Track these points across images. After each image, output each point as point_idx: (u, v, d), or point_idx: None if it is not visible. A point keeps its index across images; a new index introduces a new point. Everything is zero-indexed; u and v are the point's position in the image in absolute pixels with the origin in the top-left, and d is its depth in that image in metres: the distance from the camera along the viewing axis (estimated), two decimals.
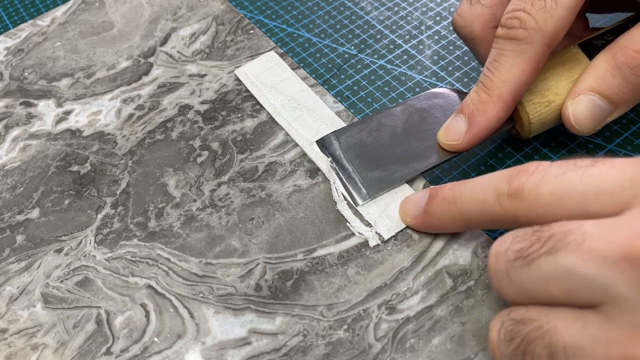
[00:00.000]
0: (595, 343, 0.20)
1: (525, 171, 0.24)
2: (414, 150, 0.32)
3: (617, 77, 0.29)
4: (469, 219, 0.26)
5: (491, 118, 0.30)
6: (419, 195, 0.29)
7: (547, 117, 0.31)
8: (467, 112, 0.30)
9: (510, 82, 0.29)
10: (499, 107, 0.29)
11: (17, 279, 0.30)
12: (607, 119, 0.30)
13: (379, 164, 0.31)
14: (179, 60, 0.40)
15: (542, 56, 0.29)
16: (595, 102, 0.29)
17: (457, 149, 0.31)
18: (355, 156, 0.32)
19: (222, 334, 0.27)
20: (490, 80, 0.29)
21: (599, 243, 0.20)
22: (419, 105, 0.33)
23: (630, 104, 0.30)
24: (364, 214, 0.30)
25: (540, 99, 0.30)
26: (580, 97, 0.29)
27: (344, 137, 0.32)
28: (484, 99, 0.30)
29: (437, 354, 0.26)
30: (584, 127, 0.30)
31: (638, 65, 0.28)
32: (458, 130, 0.30)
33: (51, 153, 0.36)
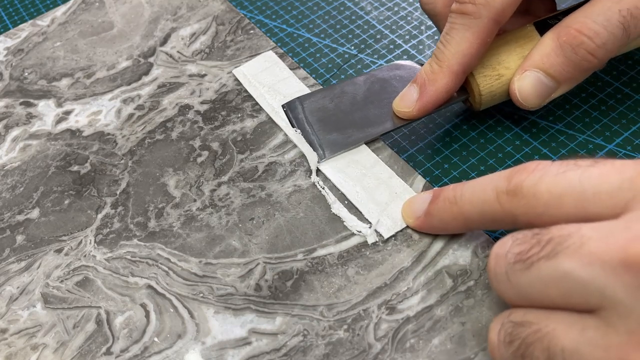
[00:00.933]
0: (594, 347, 0.20)
1: (525, 169, 0.24)
2: (371, 117, 0.34)
3: (560, 55, 0.30)
4: (469, 219, 0.26)
5: (440, 88, 0.31)
6: (422, 196, 0.29)
7: (498, 90, 0.32)
8: (419, 82, 0.32)
9: (459, 55, 0.30)
10: (449, 78, 0.31)
11: (17, 279, 0.30)
12: (552, 95, 0.31)
13: (338, 127, 0.33)
14: (179, 60, 0.40)
15: (490, 30, 0.30)
16: (540, 79, 0.30)
17: (409, 117, 0.33)
18: (317, 120, 0.34)
19: (222, 334, 0.27)
20: (442, 52, 0.31)
21: (597, 247, 0.20)
22: (381, 76, 0.35)
23: (574, 81, 0.31)
24: (364, 212, 0.30)
25: (491, 72, 0.32)
26: (526, 73, 0.31)
27: (308, 102, 0.34)
28: (435, 69, 0.31)
29: (437, 354, 0.26)
30: (529, 102, 0.31)
31: (579, 45, 0.29)
32: (410, 98, 0.32)
33: (51, 153, 0.36)
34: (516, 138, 0.34)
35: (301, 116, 0.34)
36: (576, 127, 0.34)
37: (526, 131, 0.34)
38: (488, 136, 0.35)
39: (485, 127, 0.35)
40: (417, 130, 0.35)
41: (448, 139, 0.35)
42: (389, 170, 0.32)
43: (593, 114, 0.35)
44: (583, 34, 0.29)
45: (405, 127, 0.35)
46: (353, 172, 0.32)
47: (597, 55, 0.29)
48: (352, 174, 0.32)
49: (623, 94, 0.35)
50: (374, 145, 0.33)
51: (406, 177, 0.32)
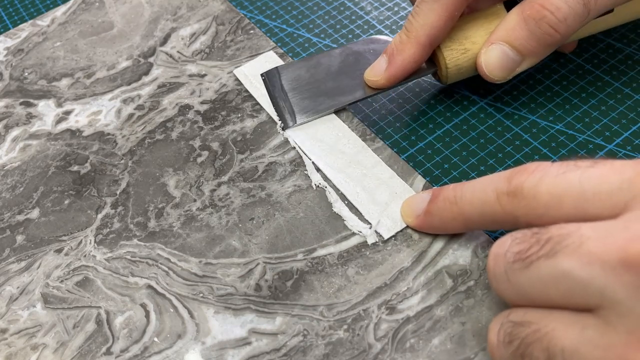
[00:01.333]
0: (593, 347, 0.20)
1: (525, 170, 0.24)
2: (343, 86, 0.35)
3: (524, 29, 0.31)
4: (470, 219, 0.26)
5: (408, 58, 0.33)
6: (421, 195, 0.29)
7: (464, 64, 0.33)
8: (388, 52, 0.33)
9: (427, 26, 0.32)
10: (416, 48, 0.33)
11: (17, 279, 0.30)
12: (517, 69, 0.32)
13: (311, 95, 0.35)
14: (179, 60, 0.40)
15: (458, 4, 0.32)
16: (505, 52, 0.32)
17: (378, 85, 0.34)
18: (291, 88, 0.35)
19: (222, 334, 0.27)
20: (411, 23, 0.33)
21: (596, 246, 0.20)
22: (356, 49, 0.37)
23: (538, 55, 0.32)
24: (364, 212, 0.30)
25: (457, 46, 0.33)
26: (492, 46, 0.32)
27: (285, 72, 0.36)
28: (404, 40, 0.33)
29: (437, 354, 0.26)
30: (495, 74, 0.32)
31: (542, 19, 0.30)
32: (380, 68, 0.34)
33: (51, 153, 0.36)
34: (516, 138, 0.34)
35: (278, 84, 0.36)
36: (576, 127, 0.34)
37: (526, 131, 0.34)
38: (488, 136, 0.35)
39: (486, 128, 0.35)
40: (417, 130, 0.35)
41: (448, 139, 0.35)
42: (389, 170, 0.32)
43: (593, 114, 0.35)
44: (545, 9, 0.30)
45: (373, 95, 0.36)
46: (354, 173, 0.32)
47: (559, 29, 0.30)
48: (353, 175, 0.32)
49: (623, 94, 0.35)
50: (374, 145, 0.33)
51: (406, 177, 0.32)
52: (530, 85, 0.37)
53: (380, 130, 0.36)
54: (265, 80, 0.36)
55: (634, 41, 0.38)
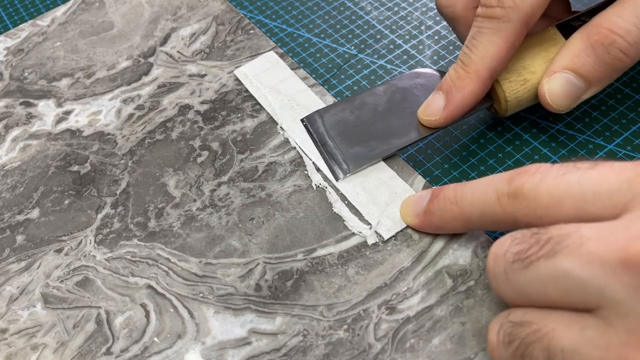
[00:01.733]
0: (593, 347, 0.20)
1: (525, 172, 0.24)
2: (394, 127, 0.33)
3: (591, 55, 0.29)
4: (469, 220, 0.26)
5: (468, 94, 0.31)
6: (421, 195, 0.29)
7: (524, 95, 0.31)
8: (445, 89, 0.31)
9: (487, 59, 0.30)
10: (476, 83, 0.30)
11: (17, 279, 0.30)
12: (582, 97, 0.31)
13: (360, 140, 0.32)
14: (179, 60, 0.40)
15: (518, 34, 0.30)
16: (570, 80, 0.30)
17: (435, 125, 0.32)
18: (337, 133, 0.33)
19: (222, 334, 0.27)
20: (469, 57, 0.30)
21: (596, 246, 0.20)
22: (401, 85, 0.34)
23: (604, 82, 0.30)
24: (364, 213, 0.30)
25: (516, 78, 0.31)
26: (556, 75, 0.30)
27: (328, 115, 0.34)
28: (462, 75, 0.31)
29: (437, 354, 0.26)
30: (559, 104, 0.30)
31: (611, 44, 0.29)
32: (436, 106, 0.31)
33: (51, 153, 0.36)
34: (516, 138, 0.34)
35: (321, 130, 0.33)
36: (576, 127, 0.34)
37: (526, 131, 0.34)
38: (488, 136, 0.35)
39: (486, 127, 0.35)
40: None
41: (448, 139, 0.35)
42: (389, 170, 0.32)
43: (593, 114, 0.35)
44: (615, 33, 0.28)
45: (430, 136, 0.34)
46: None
47: (629, 53, 0.29)
48: (353, 175, 0.32)
49: (623, 94, 0.35)
50: None
51: (406, 177, 0.32)
52: None
53: None
54: (307, 125, 0.34)
55: None
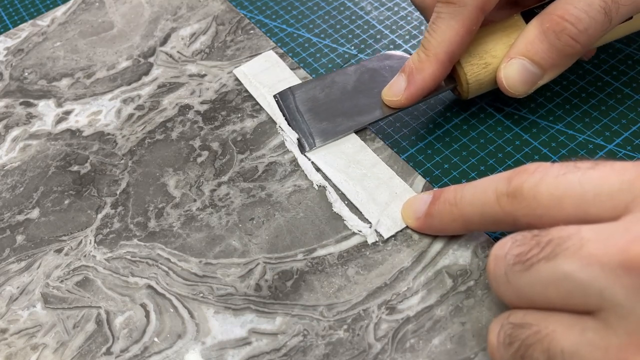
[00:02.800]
0: (593, 349, 0.20)
1: (525, 171, 0.24)
2: (360, 106, 0.34)
3: (544, 42, 0.30)
4: (470, 221, 0.26)
5: (428, 76, 0.32)
6: (422, 197, 0.29)
7: (485, 78, 0.33)
8: (407, 71, 0.33)
9: (445, 43, 0.31)
10: (435, 66, 0.32)
11: (17, 279, 0.30)
12: (539, 83, 0.32)
13: (328, 116, 0.34)
14: (179, 60, 0.40)
15: (475, 19, 0.31)
16: (525, 66, 0.31)
17: (397, 105, 0.33)
18: (307, 109, 0.34)
19: (222, 334, 0.27)
20: (429, 41, 0.32)
21: (596, 248, 0.20)
22: (371, 66, 0.36)
23: (558, 68, 0.31)
24: (364, 212, 0.30)
25: (478, 61, 0.32)
26: (512, 60, 0.31)
27: (299, 92, 0.35)
28: (422, 58, 0.32)
29: (437, 354, 0.26)
30: (516, 89, 0.32)
31: (562, 31, 0.30)
32: (398, 87, 0.33)
33: (51, 153, 0.36)
34: (516, 138, 0.34)
35: (292, 105, 0.35)
36: (576, 127, 0.34)
37: (526, 131, 0.34)
38: (488, 136, 0.35)
39: (486, 127, 0.35)
40: (417, 130, 0.35)
41: (448, 139, 0.35)
42: (389, 170, 0.32)
43: (593, 114, 0.35)
44: (565, 20, 0.29)
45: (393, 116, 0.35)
46: (354, 173, 0.32)
47: (580, 40, 0.30)
48: (353, 175, 0.32)
49: (623, 94, 0.35)
50: (374, 145, 0.33)
51: (406, 177, 0.32)
52: None
53: (380, 130, 0.36)
54: (279, 101, 0.35)
55: (634, 41, 0.38)
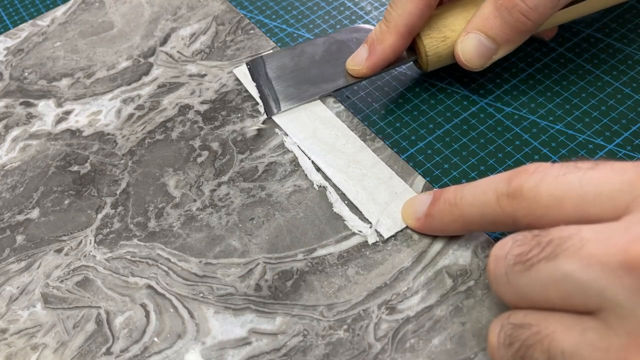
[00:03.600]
0: (594, 349, 0.20)
1: (525, 171, 0.24)
2: (326, 74, 0.36)
3: (497, 17, 0.32)
4: (470, 221, 0.26)
5: (388, 47, 0.34)
6: (422, 197, 0.29)
7: (443, 51, 0.34)
8: (369, 42, 0.35)
9: (405, 16, 0.33)
10: (395, 37, 0.33)
11: (17, 279, 0.30)
12: (494, 57, 0.33)
13: (295, 83, 0.36)
14: (179, 60, 0.40)
15: None
16: (481, 41, 0.33)
17: (359, 74, 0.35)
18: (276, 76, 0.36)
19: (222, 334, 0.27)
20: (390, 13, 0.34)
21: (597, 249, 0.20)
22: (339, 38, 0.38)
23: (512, 43, 0.33)
24: (364, 212, 0.30)
25: (437, 34, 0.34)
26: (468, 35, 0.33)
27: (270, 60, 0.37)
28: (383, 29, 0.34)
29: (437, 354, 0.26)
30: (472, 63, 0.33)
31: (513, 7, 0.31)
32: (361, 57, 0.35)
33: (51, 153, 0.36)
34: (516, 138, 0.34)
35: (262, 72, 0.37)
36: (576, 127, 0.34)
37: (526, 131, 0.34)
38: (488, 136, 0.35)
39: (486, 128, 0.35)
40: (417, 130, 0.35)
41: (448, 139, 0.35)
42: (389, 170, 0.32)
43: (593, 114, 0.35)
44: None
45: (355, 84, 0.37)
46: (354, 173, 0.32)
47: (530, 17, 0.31)
48: (353, 174, 0.32)
49: (623, 94, 0.35)
50: (374, 145, 0.33)
51: (406, 177, 0.32)
52: (531, 85, 0.37)
53: (380, 130, 0.36)
54: (250, 68, 0.37)
55: (634, 41, 0.38)
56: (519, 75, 0.37)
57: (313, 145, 0.33)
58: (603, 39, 0.38)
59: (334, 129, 0.34)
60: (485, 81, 0.37)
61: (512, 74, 0.37)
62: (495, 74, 0.37)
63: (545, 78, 0.37)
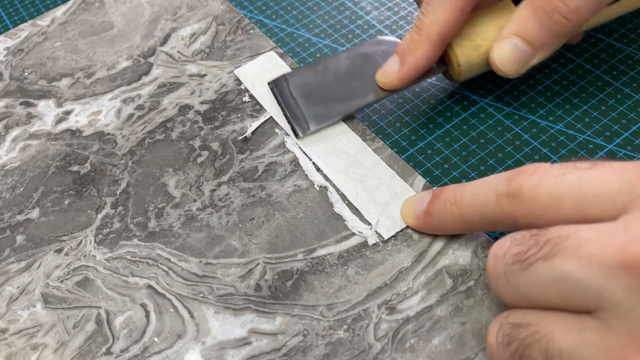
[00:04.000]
0: (593, 349, 0.20)
1: (524, 172, 0.24)
2: (353, 90, 0.35)
3: (535, 20, 0.31)
4: (469, 221, 0.26)
5: (420, 57, 0.32)
6: (421, 196, 0.29)
7: (476, 60, 0.33)
8: (400, 52, 0.33)
9: (438, 24, 0.32)
10: (428, 46, 0.32)
11: (17, 279, 0.30)
12: (530, 62, 0.32)
13: (321, 101, 0.35)
14: (179, 60, 0.40)
15: (468, 0, 0.32)
16: (517, 46, 0.31)
17: (391, 87, 0.34)
18: (300, 95, 0.35)
19: (222, 334, 0.27)
20: (422, 21, 0.32)
21: (595, 248, 0.20)
22: (363, 51, 0.36)
23: (550, 47, 0.32)
24: (364, 213, 0.30)
25: (469, 43, 0.33)
26: (504, 40, 0.31)
27: (293, 78, 0.36)
28: (415, 38, 0.32)
29: (437, 354, 0.26)
30: (508, 69, 0.32)
31: (553, 9, 0.30)
32: (392, 69, 0.33)
33: (51, 153, 0.36)
34: (516, 138, 0.34)
35: (286, 92, 0.35)
36: (576, 127, 0.34)
37: (526, 131, 0.34)
38: (488, 136, 0.35)
39: (486, 127, 0.35)
40: (417, 130, 0.35)
41: (448, 139, 0.35)
42: (390, 170, 0.32)
43: (593, 114, 0.35)
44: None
45: (385, 98, 0.36)
46: (354, 173, 0.32)
47: (571, 18, 0.30)
48: (353, 175, 0.32)
49: (623, 94, 0.35)
50: (374, 145, 0.33)
51: (406, 177, 0.32)
52: (531, 85, 0.37)
53: (380, 130, 0.36)
54: (273, 88, 0.36)
55: (634, 41, 0.38)
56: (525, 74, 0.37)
57: (314, 146, 0.33)
58: (603, 39, 0.38)
59: (335, 129, 0.34)
60: (485, 81, 0.37)
61: None
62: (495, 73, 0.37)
63: (545, 78, 0.37)
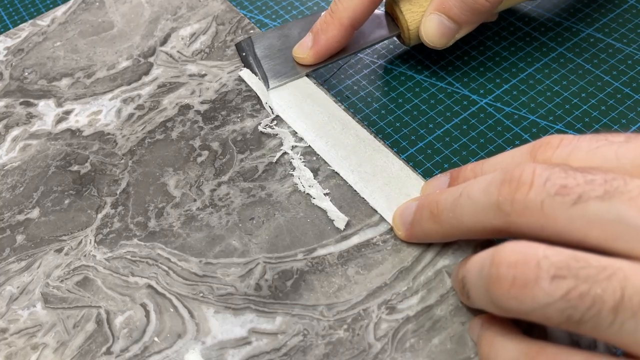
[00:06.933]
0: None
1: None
2: None
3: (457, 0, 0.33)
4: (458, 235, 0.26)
5: (331, 38, 0.35)
6: (409, 205, 0.29)
7: None
8: (314, 31, 0.36)
9: (349, 10, 0.34)
10: (338, 30, 0.35)
11: (17, 278, 0.30)
12: (456, 36, 0.35)
13: (282, 62, 0.37)
14: (179, 60, 0.40)
15: None
16: (442, 21, 0.34)
17: (305, 62, 0.36)
18: (264, 55, 0.38)
19: (222, 334, 0.27)
20: (336, 5, 0.35)
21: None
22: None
23: (473, 23, 0.35)
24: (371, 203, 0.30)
25: (418, 9, 0.35)
26: (431, 15, 0.34)
27: (258, 40, 0.39)
28: (328, 20, 0.35)
29: (437, 354, 0.26)
30: (434, 42, 0.35)
31: None
32: (306, 45, 0.36)
33: (51, 153, 0.36)
34: (516, 138, 0.34)
35: (252, 51, 0.38)
36: (576, 127, 0.34)
37: (526, 131, 0.34)
38: (488, 136, 0.35)
39: (486, 127, 0.35)
40: (417, 130, 0.35)
41: (448, 139, 0.35)
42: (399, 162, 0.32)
43: (593, 114, 0.35)
44: None
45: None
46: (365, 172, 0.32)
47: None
48: (364, 175, 0.32)
49: (623, 93, 0.35)
50: (374, 145, 0.33)
51: (404, 177, 0.32)
52: (531, 85, 0.37)
53: (380, 130, 0.36)
54: (239, 48, 0.39)
55: (634, 41, 0.38)
56: (519, 75, 0.37)
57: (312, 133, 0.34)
58: (603, 38, 0.38)
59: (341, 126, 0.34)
60: (485, 81, 0.37)
61: (512, 74, 0.37)
62: (495, 73, 0.37)
63: (545, 78, 0.37)
